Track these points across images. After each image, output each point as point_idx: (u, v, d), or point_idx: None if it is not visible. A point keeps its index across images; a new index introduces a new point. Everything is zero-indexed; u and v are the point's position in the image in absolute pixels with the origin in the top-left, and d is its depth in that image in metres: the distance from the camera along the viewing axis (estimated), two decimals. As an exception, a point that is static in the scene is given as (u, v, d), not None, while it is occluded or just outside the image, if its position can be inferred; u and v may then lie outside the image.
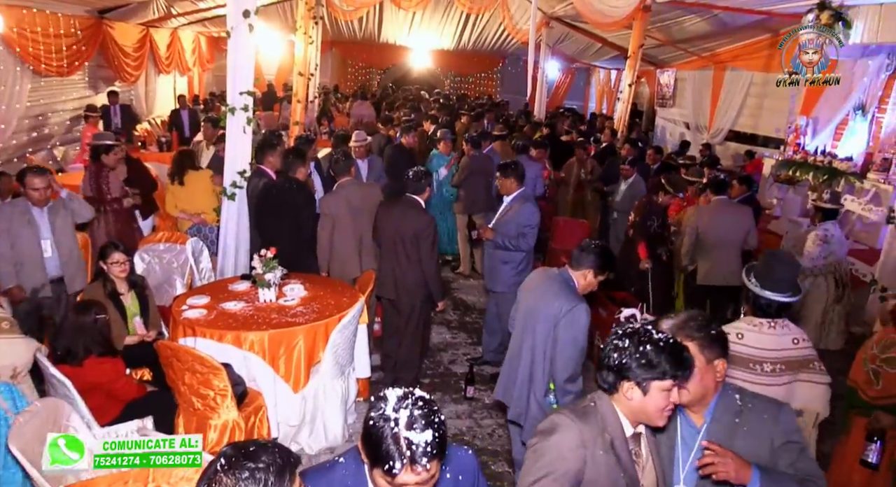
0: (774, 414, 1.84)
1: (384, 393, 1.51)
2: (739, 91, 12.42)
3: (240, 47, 4.82)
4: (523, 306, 3.18)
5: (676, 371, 1.66)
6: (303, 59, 10.34)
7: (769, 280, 2.54)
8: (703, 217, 4.94)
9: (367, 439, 1.49)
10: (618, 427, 1.75)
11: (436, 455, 1.45)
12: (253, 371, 3.63)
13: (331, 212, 4.68)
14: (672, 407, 1.70)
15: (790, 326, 2.59)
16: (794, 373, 2.50)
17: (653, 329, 1.75)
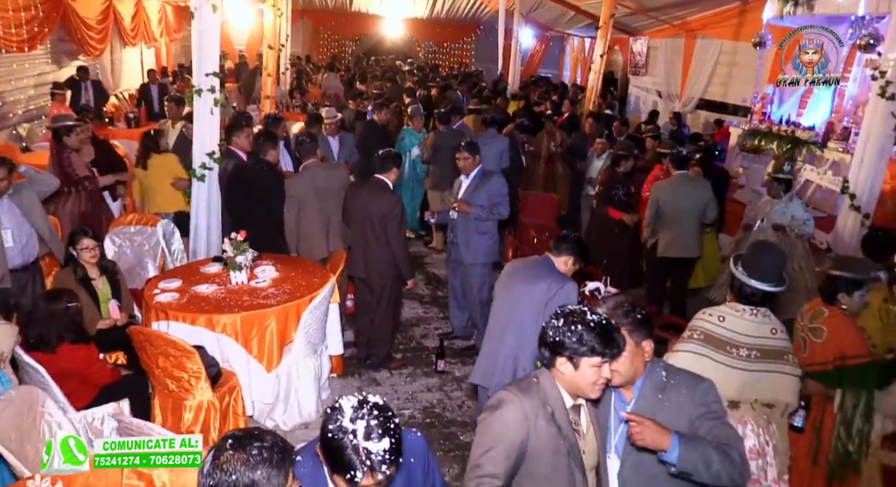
0: (693, 390, 2.00)
1: (339, 403, 1.60)
2: (710, 59, 12.53)
3: (204, 28, 4.78)
4: (507, 292, 3.26)
5: (605, 348, 1.80)
6: (272, 32, 10.17)
7: (756, 269, 2.62)
8: (664, 191, 5.09)
9: (326, 449, 1.58)
10: (558, 400, 1.90)
11: (394, 461, 1.56)
12: (226, 352, 3.73)
13: (296, 193, 4.74)
14: (603, 381, 1.86)
15: (770, 316, 2.68)
16: (769, 363, 2.61)
17: (589, 310, 1.89)
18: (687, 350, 2.62)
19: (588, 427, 1.98)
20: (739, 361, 2.58)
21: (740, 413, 2.63)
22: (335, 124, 6.66)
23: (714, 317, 2.65)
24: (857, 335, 3.04)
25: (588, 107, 11.27)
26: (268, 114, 6.84)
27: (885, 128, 5.39)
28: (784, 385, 2.62)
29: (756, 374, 2.59)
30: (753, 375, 2.59)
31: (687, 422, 1.97)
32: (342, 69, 15.52)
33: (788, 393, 2.64)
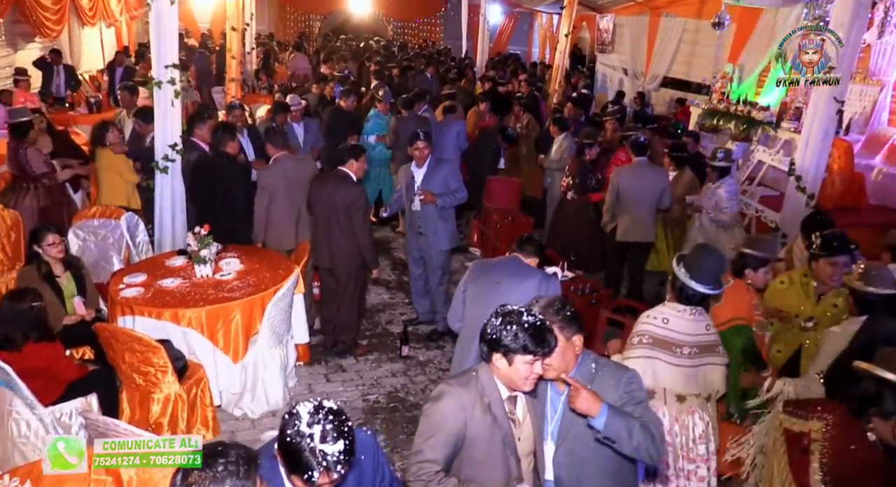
0: (618, 380, 2.19)
1: (297, 409, 1.74)
2: (673, 37, 12.67)
3: (162, 20, 4.77)
4: (490, 291, 3.28)
5: (537, 348, 1.97)
6: (235, 12, 10.01)
7: (698, 272, 2.78)
8: (624, 177, 5.28)
9: (285, 452, 1.73)
10: (494, 392, 2.08)
11: (347, 461, 1.71)
12: (192, 345, 3.84)
13: (268, 184, 4.80)
14: (535, 376, 2.03)
15: (704, 314, 2.89)
16: (703, 357, 2.83)
17: (526, 310, 2.04)
18: (638, 355, 2.81)
19: (524, 415, 2.16)
20: (684, 358, 2.79)
21: (687, 404, 2.84)
22: (300, 111, 6.68)
23: (658, 320, 2.82)
24: (748, 303, 3.32)
25: (554, 87, 11.40)
26: (230, 102, 6.82)
27: (829, 112, 5.63)
28: (716, 374, 2.86)
29: (697, 368, 2.81)
30: (695, 369, 2.81)
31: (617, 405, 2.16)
32: (309, 48, 15.27)
33: (719, 382, 2.88)
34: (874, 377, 2.21)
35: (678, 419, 2.79)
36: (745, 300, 3.34)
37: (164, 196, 5.11)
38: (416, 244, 5.11)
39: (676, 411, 2.79)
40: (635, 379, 2.21)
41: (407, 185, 5.01)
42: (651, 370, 2.75)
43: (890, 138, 7.94)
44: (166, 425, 3.57)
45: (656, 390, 2.80)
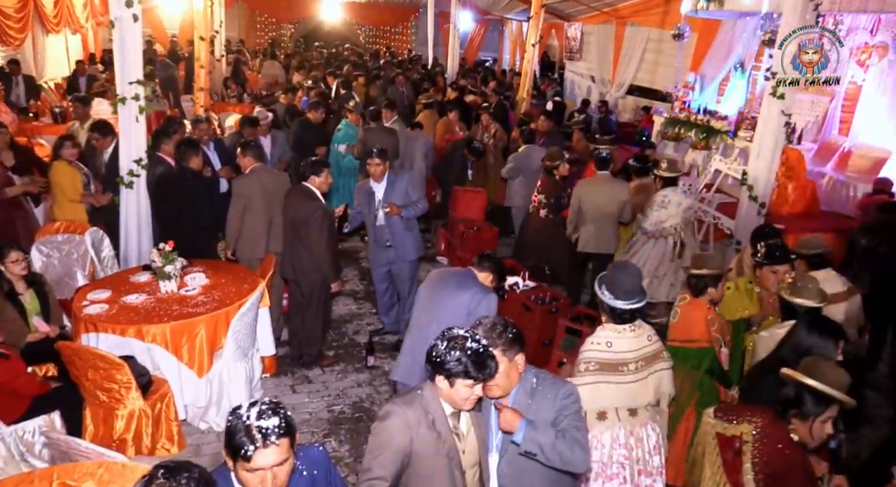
0: (555, 394, 2.33)
1: (240, 404, 1.89)
2: (638, 46, 12.98)
3: (126, 38, 4.80)
4: (432, 298, 3.46)
5: (478, 374, 2.10)
6: (203, 21, 10.02)
7: (620, 291, 2.91)
8: (586, 190, 5.45)
9: (227, 437, 1.85)
10: (438, 409, 2.20)
11: (284, 433, 1.83)
12: (157, 361, 3.89)
13: (243, 193, 4.86)
14: (475, 398, 2.16)
15: (643, 325, 3.03)
16: (650, 367, 2.97)
17: (470, 336, 2.16)
18: (585, 382, 2.91)
19: (468, 429, 2.28)
20: (630, 375, 2.92)
21: (640, 417, 2.98)
22: (267, 124, 6.74)
23: (602, 345, 2.93)
24: (702, 321, 3.46)
25: (522, 95, 11.60)
26: (195, 117, 6.85)
27: (777, 125, 5.87)
28: (664, 379, 3.01)
29: (644, 380, 2.95)
30: (642, 382, 2.95)
31: (551, 419, 2.30)
32: (281, 56, 15.24)
33: (668, 386, 3.03)
34: (796, 382, 2.39)
35: (633, 432, 2.93)
36: (697, 318, 3.48)
37: (130, 211, 5.13)
38: (382, 259, 5.15)
39: (630, 425, 2.93)
40: (571, 393, 2.35)
41: (368, 201, 5.06)
42: (600, 394, 2.89)
43: (840, 146, 8.28)
44: (130, 441, 3.62)
45: (608, 411, 2.93)
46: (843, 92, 8.45)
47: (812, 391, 2.33)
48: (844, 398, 2.31)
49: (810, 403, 2.33)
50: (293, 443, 1.91)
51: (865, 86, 8.08)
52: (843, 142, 8.33)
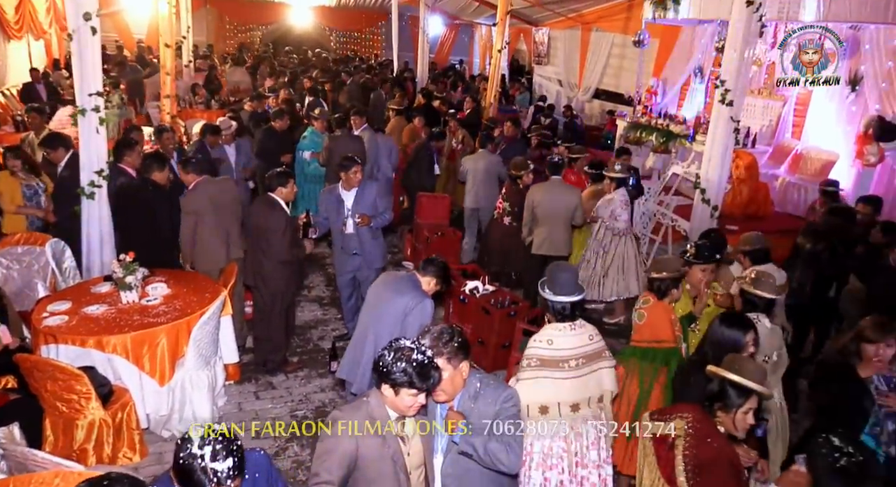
0: (496, 397, 2.46)
1: (188, 434, 1.95)
2: (603, 51, 13.25)
3: (84, 50, 4.82)
4: (375, 300, 3.62)
5: (421, 384, 2.22)
6: (168, 28, 9.98)
7: (558, 287, 3.11)
8: (538, 194, 5.62)
9: (179, 473, 1.93)
10: (383, 415, 2.31)
11: (237, 475, 1.94)
12: (118, 371, 3.94)
13: (193, 209, 4.91)
14: (419, 405, 2.28)
15: (586, 325, 3.19)
16: (591, 364, 3.12)
17: (416, 348, 2.28)
18: (526, 377, 3.08)
19: (414, 433, 2.40)
20: (571, 371, 3.06)
21: (581, 413, 3.12)
22: (231, 133, 6.78)
23: (544, 343, 3.09)
24: (668, 323, 3.68)
25: (489, 100, 11.76)
26: (159, 126, 6.86)
27: (727, 131, 6.09)
28: (606, 377, 3.17)
29: (585, 377, 3.10)
30: (583, 379, 3.09)
31: (492, 418, 2.44)
32: (248, 62, 15.19)
33: (611, 383, 3.19)
34: (720, 378, 2.57)
35: (573, 427, 3.07)
36: (664, 319, 3.68)
37: (92, 222, 5.15)
38: (349, 265, 5.23)
39: (571, 420, 3.07)
40: (511, 397, 2.50)
41: (336, 209, 5.14)
42: (541, 388, 3.04)
43: (793, 149, 8.59)
44: (91, 450, 3.67)
45: (550, 405, 3.07)
46: (795, 97, 8.78)
47: (734, 385, 2.51)
48: (762, 389, 2.50)
49: (733, 396, 2.51)
50: (243, 477, 2.00)
51: (815, 91, 8.39)
52: (795, 145, 8.65)
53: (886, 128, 7.06)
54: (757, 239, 4.32)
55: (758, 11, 5.74)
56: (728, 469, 2.42)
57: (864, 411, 2.96)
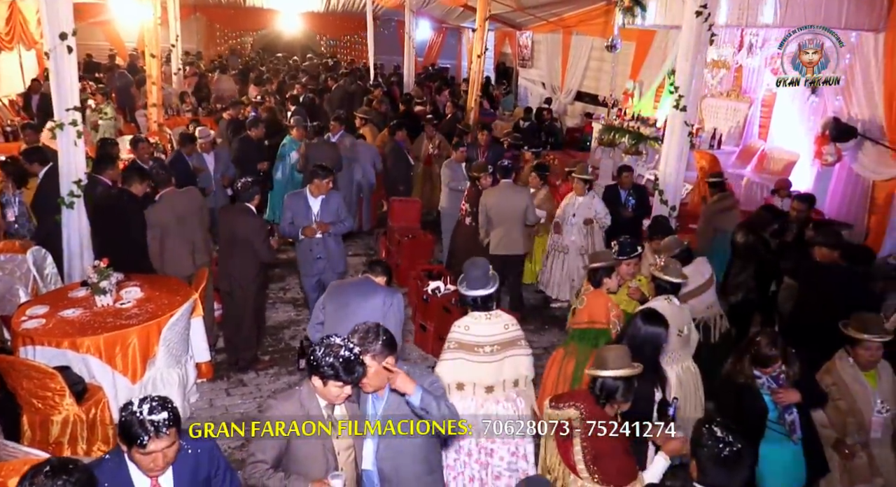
0: (422, 382, 2.72)
1: (130, 401, 2.29)
2: (583, 54, 13.52)
3: (61, 68, 5.10)
4: (342, 309, 3.83)
5: (346, 378, 2.49)
6: (153, 38, 10.27)
7: (471, 282, 3.49)
8: (490, 197, 5.91)
9: (122, 429, 2.25)
10: (314, 403, 2.59)
11: (172, 425, 2.26)
12: (92, 370, 4.21)
13: (157, 222, 5.20)
14: (345, 395, 2.55)
15: (502, 315, 3.52)
16: (506, 351, 3.44)
17: (344, 344, 2.54)
18: (446, 358, 3.45)
19: (343, 417, 2.67)
20: (486, 356, 3.39)
21: (494, 395, 3.44)
22: (209, 142, 7.06)
23: (462, 328, 3.45)
24: (604, 308, 4.03)
25: (471, 104, 12.03)
26: (135, 136, 7.13)
27: (682, 135, 6.34)
28: (521, 363, 3.49)
29: (500, 362, 3.41)
30: (498, 363, 3.41)
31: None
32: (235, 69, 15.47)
33: (526, 369, 3.50)
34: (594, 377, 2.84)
35: (483, 405, 3.41)
36: (601, 304, 4.06)
37: (72, 230, 5.44)
38: (314, 269, 5.49)
39: (483, 399, 3.41)
40: (435, 381, 2.78)
41: (304, 213, 5.39)
42: (458, 368, 3.39)
43: (758, 150, 8.86)
44: (66, 444, 3.94)
45: (466, 384, 3.42)
46: (761, 99, 9.05)
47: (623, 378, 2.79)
48: (629, 372, 2.79)
49: (616, 387, 2.79)
50: (179, 430, 2.32)
51: (780, 93, 8.66)
52: (761, 145, 8.91)
53: (842, 130, 7.30)
54: (675, 243, 4.61)
55: (706, 21, 6.00)
56: (623, 455, 2.69)
57: (761, 411, 3.23)
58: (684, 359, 3.91)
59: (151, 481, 2.36)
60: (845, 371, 3.45)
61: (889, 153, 6.94)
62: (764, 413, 3.21)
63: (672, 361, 3.82)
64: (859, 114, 7.36)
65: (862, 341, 3.32)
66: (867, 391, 3.41)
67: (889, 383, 3.39)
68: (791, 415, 3.22)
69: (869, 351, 3.33)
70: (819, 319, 3.79)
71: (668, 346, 3.67)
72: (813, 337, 3.76)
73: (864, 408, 3.39)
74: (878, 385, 3.39)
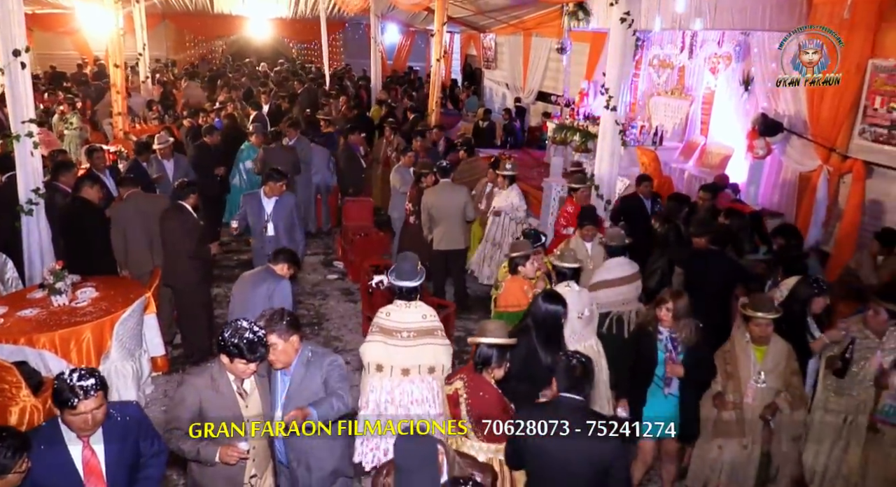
0: (324, 362, 3.08)
1: (63, 371, 2.62)
2: (543, 56, 13.94)
3: (15, 84, 5.38)
4: (241, 295, 4.31)
5: (251, 356, 2.84)
6: (116, 49, 10.51)
7: (400, 273, 3.84)
8: (431, 197, 6.28)
9: (55, 395, 2.59)
10: (223, 377, 2.94)
11: (99, 389, 2.60)
12: (49, 364, 4.51)
13: (121, 220, 5.52)
14: (251, 371, 2.90)
15: (422, 305, 3.88)
16: (423, 339, 3.78)
17: (249, 328, 2.89)
18: (368, 340, 3.82)
19: (252, 389, 3.03)
20: (402, 341, 3.75)
21: (410, 376, 3.78)
22: (168, 148, 7.35)
23: (384, 314, 3.83)
24: (520, 292, 4.42)
25: (432, 106, 12.41)
26: (90, 146, 7.39)
27: (614, 133, 6.77)
28: (438, 352, 3.82)
29: (416, 348, 3.77)
30: (414, 349, 3.76)
31: (321, 380, 3.06)
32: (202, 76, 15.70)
33: (443, 358, 3.84)
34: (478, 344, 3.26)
35: (399, 386, 3.76)
36: (517, 288, 4.48)
37: (32, 236, 5.72)
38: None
39: (399, 380, 3.76)
40: (335, 360, 3.13)
41: (257, 213, 5.76)
42: (379, 350, 3.74)
43: (699, 145, 9.32)
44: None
45: (384, 365, 3.77)
46: (701, 96, 9.52)
47: (489, 345, 3.21)
48: (501, 341, 3.19)
49: (497, 357, 3.20)
50: (106, 395, 2.67)
51: (717, 91, 9.13)
52: (702, 140, 9.37)
53: (769, 125, 7.76)
54: (618, 236, 4.96)
55: (630, 27, 6.42)
56: (501, 414, 3.07)
57: (650, 361, 3.73)
58: (587, 338, 4.29)
59: (83, 442, 2.69)
60: (739, 341, 3.91)
61: (812, 146, 7.40)
62: (653, 365, 3.68)
63: (576, 340, 4.18)
64: (786, 109, 7.82)
65: (754, 317, 3.74)
66: (751, 362, 3.83)
67: (774, 362, 3.78)
68: (662, 372, 3.71)
69: (759, 327, 3.75)
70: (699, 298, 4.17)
71: (571, 326, 4.08)
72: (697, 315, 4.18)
73: (744, 376, 3.81)
74: (763, 360, 3.80)
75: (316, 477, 3.09)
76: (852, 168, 6.96)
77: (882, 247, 5.45)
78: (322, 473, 3.11)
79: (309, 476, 3.09)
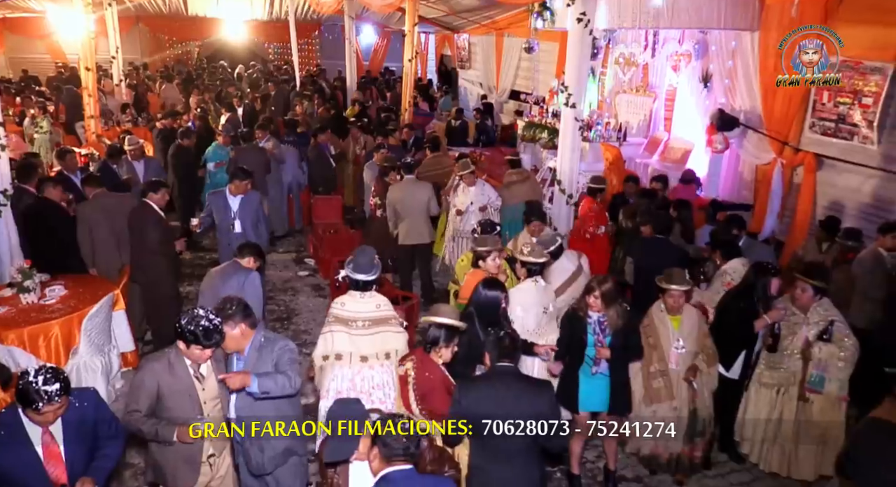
0: (275, 346, 3.24)
1: (26, 370, 2.74)
2: (515, 55, 14.16)
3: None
4: (211, 290, 4.43)
5: (206, 342, 3.00)
6: (88, 52, 10.52)
7: (359, 267, 3.99)
8: (395, 193, 6.45)
9: (20, 396, 2.70)
10: (180, 362, 3.09)
11: (62, 394, 2.71)
12: (18, 359, 4.62)
13: (86, 217, 5.64)
14: (207, 356, 3.05)
15: (376, 295, 4.04)
16: (378, 327, 3.93)
17: (205, 316, 3.04)
18: (325, 331, 3.97)
19: (209, 373, 3.18)
20: (358, 330, 3.91)
21: (369, 363, 3.95)
22: (138, 149, 7.45)
23: (339, 304, 3.99)
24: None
25: (405, 106, 12.57)
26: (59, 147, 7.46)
27: (573, 130, 6.99)
28: (392, 339, 3.98)
29: (372, 336, 3.93)
30: (370, 337, 3.93)
31: (273, 364, 3.22)
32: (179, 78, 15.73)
33: (398, 345, 4.00)
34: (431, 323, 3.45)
35: (360, 372, 3.92)
36: (473, 282, 4.48)
37: (1, 236, 5.80)
38: None
39: (359, 367, 3.92)
40: (286, 344, 3.30)
41: (223, 211, 5.89)
42: (336, 340, 3.89)
43: (662, 140, 9.59)
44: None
45: (343, 354, 3.91)
46: (664, 93, 9.78)
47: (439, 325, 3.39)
48: (457, 324, 3.37)
49: (446, 336, 3.38)
50: (69, 396, 2.79)
51: (679, 88, 9.40)
52: (665, 136, 9.64)
53: (726, 120, 8.03)
54: (550, 239, 5.09)
55: (587, 26, 6.64)
56: (444, 393, 3.26)
57: (581, 342, 3.95)
58: (550, 333, 4.42)
59: (42, 428, 2.82)
60: (656, 314, 4.22)
61: (767, 140, 7.68)
62: (583, 345, 3.91)
63: (540, 335, 4.34)
64: (742, 105, 8.10)
65: (668, 289, 4.01)
66: (669, 331, 4.16)
67: (689, 328, 4.12)
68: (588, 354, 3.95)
69: (672, 298, 4.07)
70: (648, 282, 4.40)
71: (538, 320, 4.28)
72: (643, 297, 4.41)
73: (665, 344, 4.12)
74: (679, 328, 4.13)
75: (268, 456, 3.25)
76: (804, 160, 7.25)
77: (826, 235, 5.72)
78: (274, 452, 3.26)
79: (262, 455, 3.24)
